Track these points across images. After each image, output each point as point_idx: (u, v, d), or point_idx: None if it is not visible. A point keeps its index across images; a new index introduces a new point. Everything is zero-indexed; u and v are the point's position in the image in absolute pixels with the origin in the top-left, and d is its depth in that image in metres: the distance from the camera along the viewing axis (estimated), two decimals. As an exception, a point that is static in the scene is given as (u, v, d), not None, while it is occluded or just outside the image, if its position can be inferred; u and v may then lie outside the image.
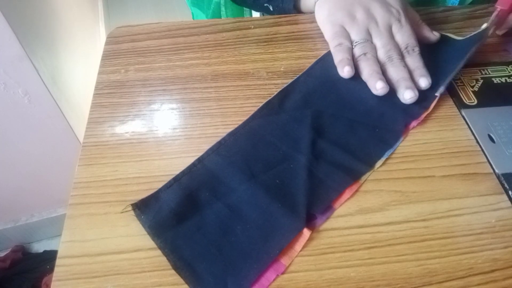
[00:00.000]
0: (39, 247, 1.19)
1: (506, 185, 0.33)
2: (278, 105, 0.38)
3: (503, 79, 0.41)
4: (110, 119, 0.38)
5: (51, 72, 0.84)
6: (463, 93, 0.39)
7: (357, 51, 0.39)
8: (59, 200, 1.09)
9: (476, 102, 0.39)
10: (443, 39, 0.43)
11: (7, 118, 0.82)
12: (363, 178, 0.33)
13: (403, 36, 0.39)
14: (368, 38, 0.39)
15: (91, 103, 0.39)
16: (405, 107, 0.37)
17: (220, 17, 0.58)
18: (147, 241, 0.30)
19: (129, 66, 0.43)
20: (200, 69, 0.42)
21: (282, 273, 0.29)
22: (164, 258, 0.29)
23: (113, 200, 0.32)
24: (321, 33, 0.43)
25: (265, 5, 0.49)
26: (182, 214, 0.31)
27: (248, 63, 0.43)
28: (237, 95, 0.40)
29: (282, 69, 0.42)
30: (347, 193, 0.32)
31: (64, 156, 0.95)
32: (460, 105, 0.39)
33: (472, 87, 0.40)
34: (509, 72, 0.41)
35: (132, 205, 0.31)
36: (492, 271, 0.29)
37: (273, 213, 0.31)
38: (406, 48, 0.39)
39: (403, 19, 0.40)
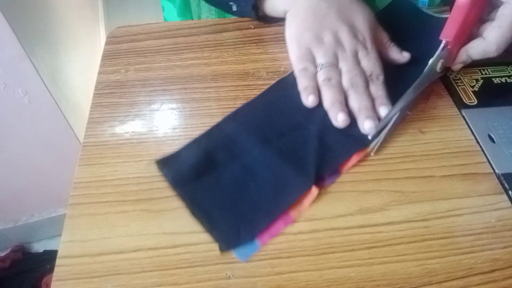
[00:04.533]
0: (39, 247, 1.19)
1: (506, 185, 0.33)
2: (293, 81, 0.39)
3: (503, 79, 0.41)
4: (110, 119, 0.38)
5: (51, 72, 0.84)
6: (463, 93, 0.39)
7: (322, 75, 0.38)
8: (59, 200, 1.09)
9: (476, 102, 0.39)
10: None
11: (7, 118, 0.82)
12: (371, 145, 0.35)
13: (369, 63, 0.38)
14: (334, 62, 0.38)
15: (91, 103, 0.40)
16: (409, 84, 0.36)
17: (189, 7, 0.57)
18: (147, 241, 0.30)
19: (129, 66, 0.43)
20: (200, 69, 0.42)
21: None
22: (164, 258, 0.29)
23: (113, 200, 0.32)
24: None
25: (229, 3, 0.46)
26: (200, 170, 0.34)
27: (248, 63, 0.43)
28: (237, 95, 0.40)
29: (282, 69, 0.42)
30: (354, 159, 0.34)
31: (64, 156, 0.95)
32: (460, 105, 0.39)
33: (472, 87, 0.40)
34: (509, 72, 0.41)
35: (155, 160, 0.34)
36: (492, 271, 0.29)
37: (284, 172, 0.33)
38: (370, 75, 0.38)
39: (369, 45, 0.39)
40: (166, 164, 0.34)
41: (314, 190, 0.32)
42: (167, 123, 0.38)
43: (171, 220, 0.31)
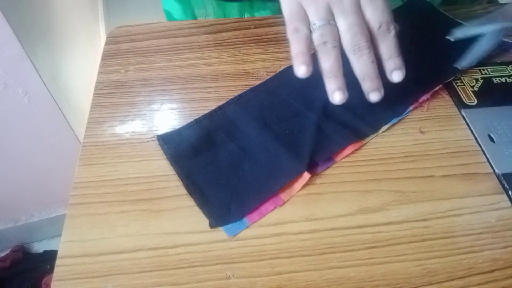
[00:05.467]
0: (39, 247, 1.19)
1: (506, 185, 0.33)
2: None
3: (503, 79, 0.41)
4: (110, 119, 0.38)
5: (51, 72, 0.84)
6: (463, 93, 0.39)
7: (316, 37, 0.32)
8: (59, 200, 1.09)
9: (476, 102, 0.39)
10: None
11: (7, 118, 0.82)
12: (367, 139, 0.36)
13: (375, 11, 0.32)
14: (329, 18, 0.32)
15: (91, 103, 0.39)
16: (419, 79, 0.37)
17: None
18: (147, 241, 0.30)
19: (129, 66, 0.43)
20: (200, 69, 0.42)
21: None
22: (164, 258, 0.29)
23: (113, 200, 0.32)
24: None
25: None
26: (199, 148, 0.35)
27: (248, 63, 0.43)
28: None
29: (282, 69, 0.42)
30: (349, 149, 0.35)
31: (64, 156, 0.94)
32: (460, 105, 0.39)
33: (472, 87, 0.40)
34: (509, 72, 0.41)
35: (157, 136, 0.36)
36: (492, 271, 0.29)
37: (279, 156, 0.34)
38: (379, 28, 0.32)
39: None
40: (167, 140, 0.36)
41: (306, 175, 0.33)
42: (167, 123, 0.38)
43: (171, 220, 0.31)
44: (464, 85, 0.40)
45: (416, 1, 0.48)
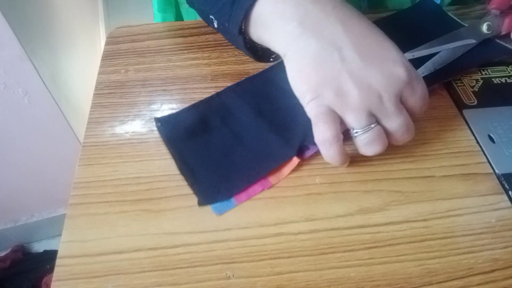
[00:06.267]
0: (39, 247, 1.19)
1: (506, 185, 0.33)
2: None
3: (503, 79, 0.41)
4: (110, 119, 0.38)
5: (51, 72, 0.84)
6: (463, 93, 0.39)
7: (361, 141, 0.31)
8: (59, 200, 1.09)
9: (476, 102, 0.39)
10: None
11: (7, 118, 0.82)
12: None
13: (417, 102, 0.30)
14: (371, 122, 0.30)
15: (91, 103, 0.39)
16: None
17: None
18: (147, 241, 0.30)
19: (129, 66, 0.43)
20: (200, 69, 0.42)
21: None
22: (164, 258, 0.29)
23: (113, 200, 0.32)
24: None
25: (210, 16, 0.37)
26: (194, 131, 0.36)
27: (248, 63, 0.43)
28: (237, 95, 0.40)
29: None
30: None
31: (64, 156, 0.94)
32: (460, 105, 0.39)
33: (472, 87, 0.40)
34: (509, 72, 0.41)
35: (155, 118, 0.37)
36: (492, 271, 0.29)
37: (270, 142, 0.35)
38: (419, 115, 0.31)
39: (413, 76, 0.30)
40: (163, 122, 0.37)
41: (295, 160, 0.34)
42: (167, 123, 0.38)
43: (171, 220, 0.31)
44: (464, 85, 0.40)
45: (426, 3, 0.48)
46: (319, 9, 0.30)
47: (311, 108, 0.30)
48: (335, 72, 0.29)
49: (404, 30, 0.43)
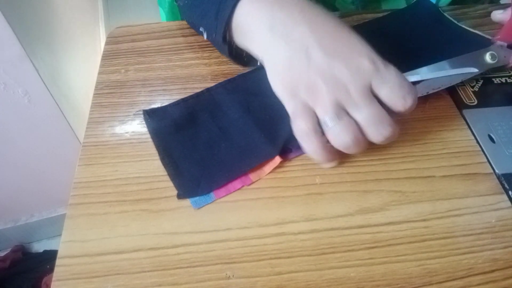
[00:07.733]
0: (39, 247, 1.19)
1: (506, 185, 0.33)
2: None
3: (503, 79, 0.41)
4: (110, 119, 0.38)
5: (51, 72, 0.84)
6: (463, 93, 0.39)
7: (332, 137, 0.31)
8: (59, 200, 1.09)
9: (476, 102, 0.39)
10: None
11: (7, 118, 0.82)
12: None
13: (392, 92, 0.30)
14: (341, 114, 0.30)
15: (91, 103, 0.39)
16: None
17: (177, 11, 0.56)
18: (147, 241, 0.30)
19: (129, 66, 0.43)
20: (200, 69, 0.42)
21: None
22: (164, 258, 0.29)
23: (113, 200, 0.32)
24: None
25: (200, 29, 0.40)
26: (181, 125, 0.36)
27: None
28: (237, 95, 0.40)
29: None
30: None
31: (64, 156, 0.95)
32: (460, 105, 0.39)
33: (472, 87, 0.40)
34: (509, 72, 0.41)
35: (143, 110, 0.38)
36: (492, 271, 0.29)
37: (254, 140, 0.35)
38: (404, 110, 0.30)
39: (381, 66, 0.30)
40: (151, 114, 0.37)
41: (277, 159, 0.34)
42: (167, 123, 0.38)
43: (171, 220, 0.31)
44: (464, 85, 0.40)
45: (423, 3, 0.48)
46: (286, 14, 0.33)
47: (289, 107, 0.32)
48: (304, 71, 0.31)
49: (399, 31, 0.43)
